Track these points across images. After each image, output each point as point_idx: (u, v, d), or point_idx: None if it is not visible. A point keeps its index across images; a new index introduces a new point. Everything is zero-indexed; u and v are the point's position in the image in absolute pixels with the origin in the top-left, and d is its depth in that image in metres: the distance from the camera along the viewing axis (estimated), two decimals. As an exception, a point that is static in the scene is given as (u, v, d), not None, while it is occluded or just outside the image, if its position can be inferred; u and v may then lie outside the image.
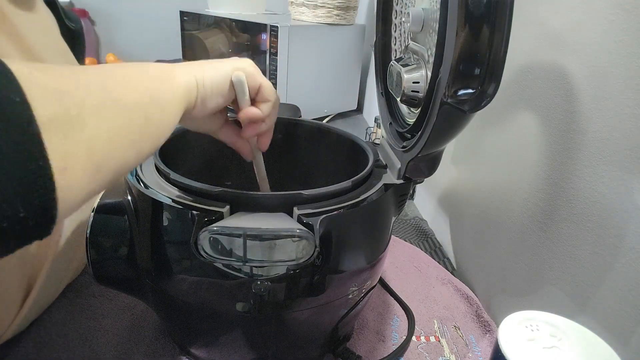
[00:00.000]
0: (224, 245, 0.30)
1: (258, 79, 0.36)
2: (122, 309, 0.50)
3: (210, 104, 0.34)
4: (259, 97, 0.37)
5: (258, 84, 0.36)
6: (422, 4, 0.41)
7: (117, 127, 0.23)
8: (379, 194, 0.38)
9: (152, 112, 0.27)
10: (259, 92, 0.37)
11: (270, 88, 0.37)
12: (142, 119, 0.26)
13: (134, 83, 0.26)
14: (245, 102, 0.36)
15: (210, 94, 0.33)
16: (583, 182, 0.40)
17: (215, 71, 0.34)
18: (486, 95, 0.31)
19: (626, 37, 0.35)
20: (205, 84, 0.33)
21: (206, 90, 0.33)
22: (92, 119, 0.22)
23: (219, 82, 0.34)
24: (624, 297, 0.35)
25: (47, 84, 0.20)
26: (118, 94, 0.24)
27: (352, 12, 1.25)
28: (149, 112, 0.26)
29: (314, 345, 0.43)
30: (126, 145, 0.24)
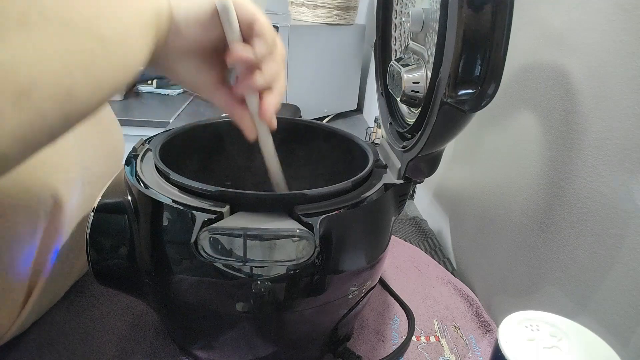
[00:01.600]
0: (224, 245, 0.30)
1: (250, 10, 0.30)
2: (122, 309, 0.50)
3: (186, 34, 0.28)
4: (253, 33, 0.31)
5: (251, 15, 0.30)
6: (422, 4, 0.41)
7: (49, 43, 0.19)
8: (379, 194, 0.38)
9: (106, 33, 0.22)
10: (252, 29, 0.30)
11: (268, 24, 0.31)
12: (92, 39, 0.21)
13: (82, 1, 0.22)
14: (232, 36, 0.30)
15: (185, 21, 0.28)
16: (583, 182, 0.40)
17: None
18: (486, 95, 0.31)
19: (626, 37, 0.35)
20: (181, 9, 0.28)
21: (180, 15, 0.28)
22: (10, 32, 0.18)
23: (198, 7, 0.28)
24: (624, 297, 0.35)
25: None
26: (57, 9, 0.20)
27: (352, 12, 1.25)
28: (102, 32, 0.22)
29: (314, 345, 0.43)
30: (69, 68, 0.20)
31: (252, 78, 0.31)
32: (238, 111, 0.34)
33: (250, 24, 0.30)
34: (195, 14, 0.29)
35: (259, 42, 0.30)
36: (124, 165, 0.39)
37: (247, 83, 0.32)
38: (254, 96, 0.34)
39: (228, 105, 0.34)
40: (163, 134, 0.45)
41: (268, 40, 0.31)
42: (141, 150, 0.41)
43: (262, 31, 0.31)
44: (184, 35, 0.28)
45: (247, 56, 0.30)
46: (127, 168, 0.38)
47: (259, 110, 0.34)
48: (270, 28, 0.31)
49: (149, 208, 0.35)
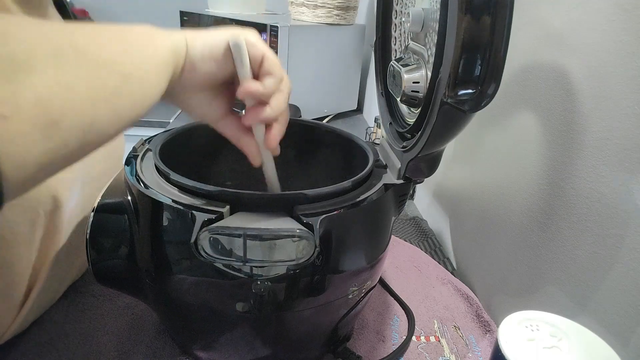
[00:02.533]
0: (224, 245, 0.30)
1: (261, 49, 0.32)
2: (122, 309, 0.50)
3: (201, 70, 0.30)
4: (263, 71, 0.32)
5: (261, 54, 0.32)
6: (422, 4, 0.41)
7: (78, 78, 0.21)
8: (379, 194, 0.38)
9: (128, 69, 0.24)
10: (262, 66, 0.32)
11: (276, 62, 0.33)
12: (117, 75, 0.23)
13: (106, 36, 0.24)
14: (243, 73, 0.31)
15: (200, 56, 0.30)
16: (583, 182, 0.40)
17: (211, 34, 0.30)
18: (486, 95, 0.31)
19: (626, 37, 0.35)
20: (197, 45, 0.30)
21: (196, 51, 0.30)
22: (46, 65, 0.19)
23: (213, 45, 0.30)
24: (624, 297, 0.35)
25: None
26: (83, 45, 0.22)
27: (352, 12, 1.25)
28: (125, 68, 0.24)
29: (314, 345, 0.43)
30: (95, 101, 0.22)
31: (261, 111, 0.33)
32: (244, 139, 0.36)
33: (260, 61, 0.32)
34: (210, 51, 0.30)
35: (268, 78, 0.32)
36: (124, 165, 0.39)
37: (256, 116, 0.33)
38: (260, 126, 0.35)
39: (235, 133, 0.36)
40: (163, 134, 0.45)
41: (276, 76, 0.33)
42: (141, 150, 0.41)
43: (272, 68, 0.33)
44: (198, 71, 0.30)
45: (258, 92, 0.32)
46: (127, 168, 0.38)
47: (265, 140, 0.36)
48: (278, 64, 0.33)
49: (149, 208, 0.35)
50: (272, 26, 1.08)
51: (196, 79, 0.31)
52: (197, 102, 0.34)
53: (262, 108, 0.33)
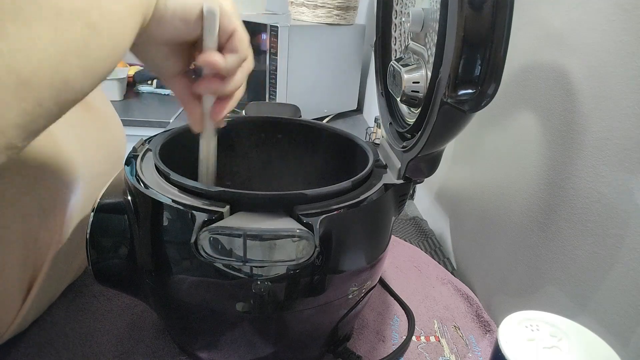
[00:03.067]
0: (224, 245, 0.30)
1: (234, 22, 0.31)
2: (122, 309, 0.50)
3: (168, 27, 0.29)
4: (229, 46, 0.31)
5: (232, 27, 0.31)
6: (422, 4, 0.41)
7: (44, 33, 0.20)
8: (379, 194, 0.38)
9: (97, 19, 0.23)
10: (230, 40, 0.31)
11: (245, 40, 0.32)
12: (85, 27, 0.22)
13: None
14: (210, 43, 0.30)
15: (171, 13, 0.28)
16: (583, 182, 0.40)
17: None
18: (486, 95, 0.31)
19: (626, 37, 0.35)
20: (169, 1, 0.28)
21: (168, 7, 0.28)
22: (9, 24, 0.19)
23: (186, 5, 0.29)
24: (624, 297, 0.35)
25: None
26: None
27: (352, 12, 1.25)
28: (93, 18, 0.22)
29: (314, 345, 0.43)
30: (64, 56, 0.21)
31: (215, 84, 0.32)
32: (191, 104, 0.35)
33: (229, 35, 0.31)
34: (182, 10, 0.29)
35: (233, 55, 0.31)
36: (124, 165, 0.39)
37: (209, 87, 0.33)
38: (211, 96, 0.35)
39: (184, 95, 0.34)
40: (163, 134, 0.45)
41: (241, 54, 0.32)
42: (141, 150, 0.41)
43: (239, 45, 0.31)
44: (165, 26, 0.29)
45: (218, 66, 0.31)
46: (127, 168, 0.38)
47: (212, 112, 0.34)
48: (246, 42, 0.32)
49: (149, 208, 0.35)
50: (272, 26, 1.08)
51: (161, 34, 0.29)
52: (154, 54, 0.32)
53: (217, 81, 0.32)
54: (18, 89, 0.19)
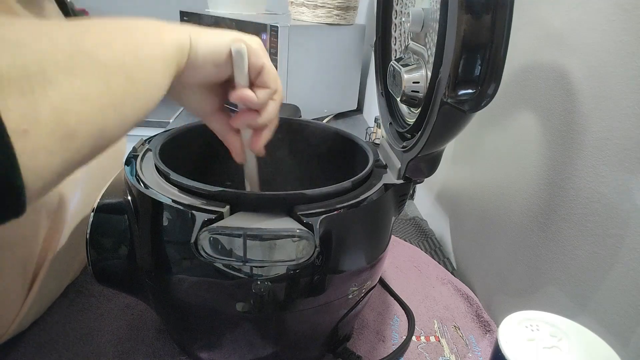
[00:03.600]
0: (224, 245, 0.30)
1: (262, 59, 0.32)
2: (122, 309, 0.50)
3: (201, 72, 0.30)
4: (259, 82, 0.33)
5: (261, 64, 0.32)
6: (422, 4, 0.41)
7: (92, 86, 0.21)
8: (379, 194, 0.38)
9: (136, 72, 0.24)
10: (260, 76, 0.33)
11: (274, 74, 0.33)
12: (124, 79, 0.23)
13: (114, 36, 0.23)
14: (241, 80, 0.32)
15: (202, 59, 0.30)
16: (583, 182, 0.40)
17: (213, 36, 0.30)
18: (486, 95, 0.31)
19: (626, 37, 0.35)
20: (199, 47, 0.29)
21: (198, 54, 0.29)
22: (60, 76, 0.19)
23: (215, 48, 0.30)
24: (624, 297, 0.35)
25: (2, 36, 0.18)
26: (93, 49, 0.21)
27: (352, 12, 1.24)
28: (133, 71, 0.23)
29: (314, 345, 0.43)
30: (105, 108, 0.22)
31: (251, 117, 0.34)
32: (231, 137, 0.37)
33: (258, 71, 0.33)
34: (212, 54, 0.30)
35: (263, 90, 0.33)
36: (124, 165, 0.39)
37: (245, 120, 0.34)
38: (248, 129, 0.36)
39: (223, 130, 0.36)
40: (163, 134, 0.45)
41: (271, 88, 0.33)
42: (141, 150, 0.41)
43: (268, 81, 0.33)
44: (198, 71, 0.30)
45: (251, 102, 0.32)
46: (127, 168, 0.38)
47: (251, 143, 0.36)
48: (276, 77, 0.33)
49: (149, 208, 0.35)
50: (272, 26, 1.08)
51: (195, 79, 0.31)
52: (191, 97, 0.34)
53: (252, 114, 0.34)
54: (64, 140, 0.20)
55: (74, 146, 0.20)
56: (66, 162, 0.20)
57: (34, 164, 0.18)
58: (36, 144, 0.18)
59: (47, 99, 0.18)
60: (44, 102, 0.18)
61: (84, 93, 0.20)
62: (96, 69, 0.21)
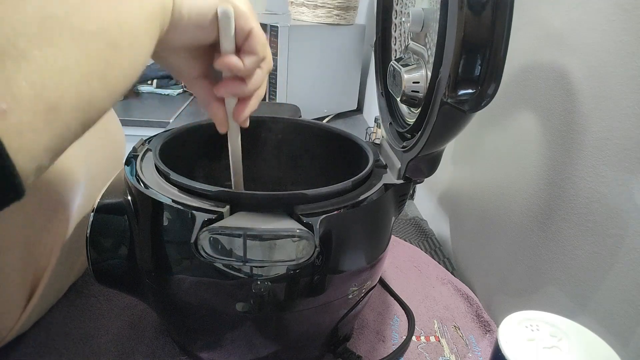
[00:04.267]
0: (224, 245, 0.30)
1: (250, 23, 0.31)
2: (122, 309, 0.50)
3: (184, 34, 0.29)
4: (246, 47, 0.31)
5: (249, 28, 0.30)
6: (422, 4, 0.41)
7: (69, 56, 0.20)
8: (379, 194, 0.38)
9: (117, 36, 0.22)
10: (247, 40, 0.31)
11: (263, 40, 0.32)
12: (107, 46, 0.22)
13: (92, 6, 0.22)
14: (227, 45, 0.30)
15: (186, 20, 0.28)
16: (583, 182, 0.40)
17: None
18: (486, 95, 0.31)
19: (626, 37, 0.35)
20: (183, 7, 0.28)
21: (183, 15, 0.28)
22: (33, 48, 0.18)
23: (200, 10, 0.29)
24: (624, 297, 0.35)
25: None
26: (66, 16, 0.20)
27: (352, 12, 1.25)
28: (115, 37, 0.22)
29: (314, 345, 0.43)
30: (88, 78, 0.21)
31: (236, 86, 0.32)
32: (214, 106, 0.35)
33: (245, 36, 0.31)
34: (197, 15, 0.29)
35: (251, 57, 0.31)
36: (124, 165, 0.39)
37: (230, 89, 0.33)
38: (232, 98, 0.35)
39: (206, 98, 0.35)
40: (163, 134, 0.45)
41: (259, 55, 0.32)
42: (141, 150, 0.41)
43: (256, 47, 0.31)
44: (182, 32, 0.29)
45: (237, 68, 0.31)
46: (127, 168, 0.38)
47: (234, 113, 0.35)
48: (264, 42, 0.32)
49: (149, 208, 0.35)
50: (272, 26, 1.08)
51: (178, 41, 0.29)
52: (174, 59, 0.33)
53: (237, 83, 0.32)
54: (47, 115, 0.19)
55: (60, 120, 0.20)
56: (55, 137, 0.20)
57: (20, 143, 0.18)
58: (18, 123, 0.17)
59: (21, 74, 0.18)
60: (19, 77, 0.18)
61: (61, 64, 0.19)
62: (72, 36, 0.20)
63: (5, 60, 0.17)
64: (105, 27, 0.22)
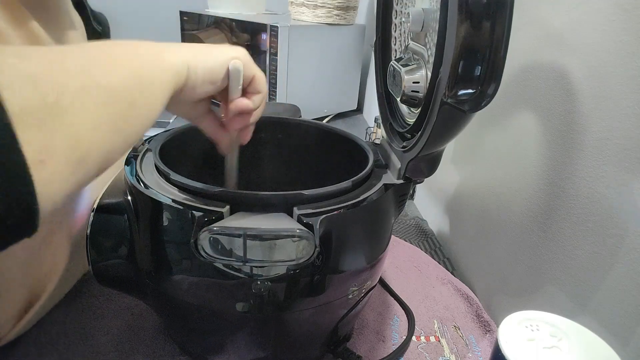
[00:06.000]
0: (224, 245, 0.30)
1: (253, 69, 0.35)
2: (122, 309, 0.50)
3: (199, 91, 0.32)
4: (251, 89, 0.36)
5: (252, 74, 0.35)
6: (422, 4, 0.41)
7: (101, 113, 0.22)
8: (379, 194, 0.38)
9: (138, 96, 0.25)
10: (251, 83, 0.36)
11: (263, 79, 0.36)
12: (127, 104, 0.24)
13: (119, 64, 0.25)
14: (237, 93, 0.35)
15: (201, 81, 0.32)
16: (583, 182, 0.40)
17: (210, 57, 0.32)
18: (486, 95, 0.31)
19: (626, 37, 0.35)
20: (198, 70, 0.31)
21: (197, 76, 0.31)
22: (73, 106, 0.20)
23: (213, 70, 0.32)
24: (624, 297, 0.35)
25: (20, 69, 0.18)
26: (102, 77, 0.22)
27: (352, 12, 1.24)
28: (135, 96, 0.25)
29: (314, 345, 0.43)
30: (111, 132, 0.23)
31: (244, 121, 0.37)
32: (220, 135, 0.39)
33: (250, 80, 0.35)
34: (210, 75, 0.32)
35: (257, 96, 0.36)
36: (124, 165, 0.39)
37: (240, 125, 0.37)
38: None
39: (213, 130, 0.39)
40: (163, 134, 0.45)
41: (263, 94, 0.36)
42: (141, 150, 0.41)
43: (260, 87, 0.36)
44: (197, 92, 0.32)
45: (249, 109, 0.36)
46: (127, 168, 0.38)
47: (241, 137, 0.40)
48: (265, 81, 0.37)
49: (149, 208, 0.35)
50: (272, 26, 1.08)
51: (192, 98, 0.33)
52: (184, 107, 0.36)
53: (246, 117, 0.37)
54: (76, 166, 0.21)
55: (85, 170, 0.22)
56: (76, 184, 0.22)
57: (49, 190, 0.19)
58: (51, 172, 0.19)
59: (62, 129, 0.19)
60: (59, 132, 0.19)
61: (94, 120, 0.21)
62: (104, 96, 0.22)
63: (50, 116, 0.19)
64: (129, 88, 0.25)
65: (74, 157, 0.20)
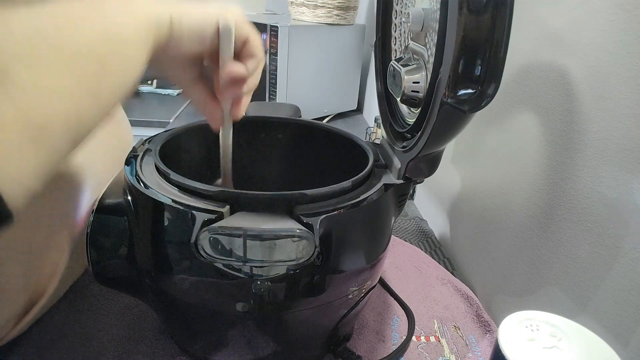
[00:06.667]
0: (224, 245, 0.30)
1: (246, 30, 0.32)
2: (122, 309, 0.50)
3: (184, 49, 0.29)
4: (245, 52, 0.32)
5: (246, 35, 0.32)
6: (422, 4, 0.41)
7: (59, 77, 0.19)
8: (379, 194, 0.38)
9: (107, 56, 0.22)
10: (245, 46, 0.32)
11: (258, 42, 0.33)
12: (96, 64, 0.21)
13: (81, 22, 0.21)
14: (229, 56, 0.31)
15: (187, 36, 0.29)
16: (583, 182, 0.40)
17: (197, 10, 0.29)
18: (486, 95, 0.31)
19: (626, 37, 0.35)
20: (183, 23, 0.28)
21: (183, 30, 0.28)
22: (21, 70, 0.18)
23: (200, 25, 0.29)
24: (624, 297, 0.35)
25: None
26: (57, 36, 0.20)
27: (352, 12, 1.24)
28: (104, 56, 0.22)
29: (314, 345, 0.43)
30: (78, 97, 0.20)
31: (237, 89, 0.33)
32: (210, 106, 0.35)
33: (244, 42, 0.32)
34: (198, 32, 0.29)
35: (251, 61, 0.32)
36: (124, 165, 0.39)
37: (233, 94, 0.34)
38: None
39: (202, 99, 0.35)
40: (163, 134, 0.45)
41: (258, 58, 0.33)
42: (141, 150, 0.41)
43: (255, 51, 0.32)
44: (183, 45, 0.29)
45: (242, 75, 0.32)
46: (127, 168, 0.38)
47: (233, 111, 0.36)
48: (260, 46, 0.33)
49: (149, 208, 0.35)
50: (272, 26, 1.08)
51: (178, 55, 0.30)
52: (171, 68, 0.33)
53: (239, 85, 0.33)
54: (35, 138, 0.18)
55: (50, 142, 0.19)
56: (44, 159, 0.19)
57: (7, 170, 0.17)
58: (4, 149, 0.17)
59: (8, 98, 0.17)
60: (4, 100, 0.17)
61: (51, 85, 0.19)
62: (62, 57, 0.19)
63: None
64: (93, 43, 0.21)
65: (30, 129, 0.18)
